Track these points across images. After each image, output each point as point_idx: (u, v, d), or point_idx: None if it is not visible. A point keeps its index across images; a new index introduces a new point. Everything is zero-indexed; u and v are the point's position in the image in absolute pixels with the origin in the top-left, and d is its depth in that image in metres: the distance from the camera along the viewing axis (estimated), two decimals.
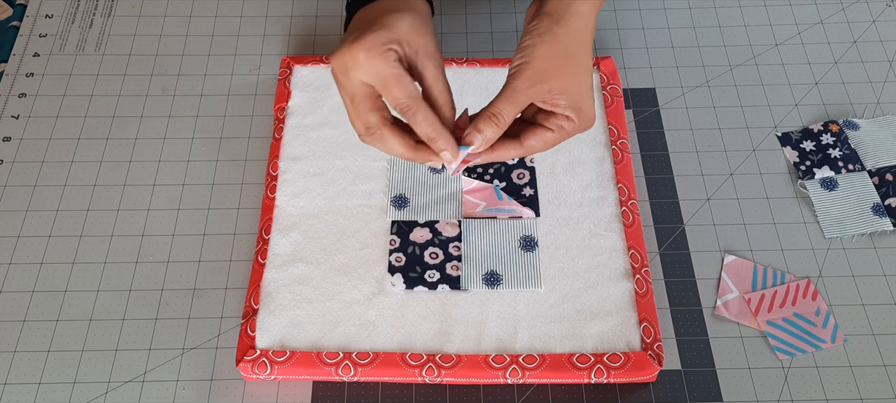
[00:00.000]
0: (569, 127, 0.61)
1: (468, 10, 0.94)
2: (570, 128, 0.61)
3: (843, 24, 0.92)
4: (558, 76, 0.60)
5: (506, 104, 0.60)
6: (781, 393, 0.68)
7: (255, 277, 0.72)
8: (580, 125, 0.61)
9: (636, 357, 0.67)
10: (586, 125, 0.62)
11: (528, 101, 0.60)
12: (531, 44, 0.60)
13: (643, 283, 0.71)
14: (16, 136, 0.83)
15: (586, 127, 0.62)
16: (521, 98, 0.60)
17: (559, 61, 0.59)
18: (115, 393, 0.68)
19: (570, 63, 0.60)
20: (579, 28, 0.60)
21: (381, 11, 0.60)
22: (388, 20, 0.58)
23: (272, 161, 0.79)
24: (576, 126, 0.61)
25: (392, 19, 0.58)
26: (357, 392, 0.68)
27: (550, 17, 0.60)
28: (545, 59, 0.59)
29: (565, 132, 0.62)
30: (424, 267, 0.72)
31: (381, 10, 0.60)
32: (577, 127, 0.61)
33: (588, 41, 0.61)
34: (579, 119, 0.61)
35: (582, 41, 0.61)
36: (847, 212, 0.77)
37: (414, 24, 0.59)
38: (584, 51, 0.61)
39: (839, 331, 0.71)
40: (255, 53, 0.90)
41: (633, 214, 0.75)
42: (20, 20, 0.93)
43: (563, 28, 0.60)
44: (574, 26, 0.60)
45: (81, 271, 0.74)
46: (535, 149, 0.62)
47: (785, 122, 0.84)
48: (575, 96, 0.60)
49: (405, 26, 0.58)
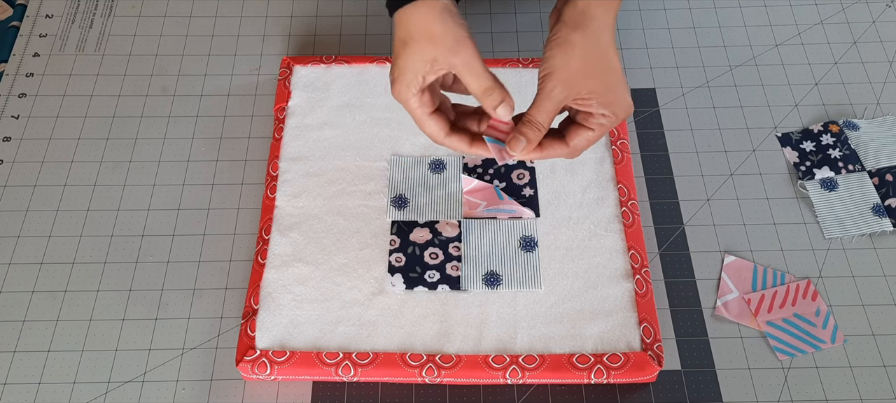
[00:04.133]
0: (606, 122, 0.64)
1: (468, 10, 0.94)
2: (607, 123, 0.64)
3: (843, 25, 0.92)
4: (583, 80, 0.63)
5: (538, 112, 0.63)
6: (781, 394, 0.68)
7: (255, 277, 0.72)
8: (616, 118, 0.64)
9: (636, 358, 0.67)
10: (623, 115, 0.64)
11: (558, 108, 0.63)
12: (552, 54, 0.63)
13: (643, 284, 0.71)
14: (16, 136, 0.83)
15: (624, 116, 0.64)
16: (550, 105, 0.63)
17: (580, 66, 0.63)
18: (115, 393, 0.68)
19: (591, 65, 0.63)
20: (597, 31, 0.63)
21: (398, 45, 0.63)
22: (403, 62, 0.63)
23: (272, 161, 0.79)
24: (612, 120, 0.64)
25: (405, 60, 0.63)
26: (357, 393, 0.68)
27: (567, 25, 0.63)
28: (566, 67, 0.63)
29: (604, 127, 0.64)
30: (424, 268, 0.72)
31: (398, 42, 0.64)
32: (614, 120, 0.64)
33: (607, 41, 0.64)
34: (614, 113, 0.63)
35: (600, 42, 0.63)
36: (847, 213, 0.77)
37: (422, 49, 0.62)
38: (604, 51, 0.63)
39: (839, 332, 0.71)
40: (255, 53, 0.90)
41: (633, 214, 0.75)
42: (20, 20, 0.93)
43: (581, 33, 0.63)
44: (592, 30, 0.63)
45: (81, 271, 0.74)
46: (581, 147, 0.65)
47: (785, 123, 0.84)
48: (603, 94, 0.63)
49: (416, 60, 0.62)
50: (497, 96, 0.63)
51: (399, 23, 0.64)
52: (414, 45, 0.63)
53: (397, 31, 0.64)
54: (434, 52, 0.62)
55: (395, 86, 0.64)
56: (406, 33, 0.63)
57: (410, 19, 0.63)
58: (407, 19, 0.63)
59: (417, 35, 0.63)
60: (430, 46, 0.62)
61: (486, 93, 0.63)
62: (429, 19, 0.63)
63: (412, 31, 0.63)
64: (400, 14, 0.63)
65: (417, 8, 0.63)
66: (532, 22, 0.93)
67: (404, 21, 0.63)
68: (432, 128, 0.65)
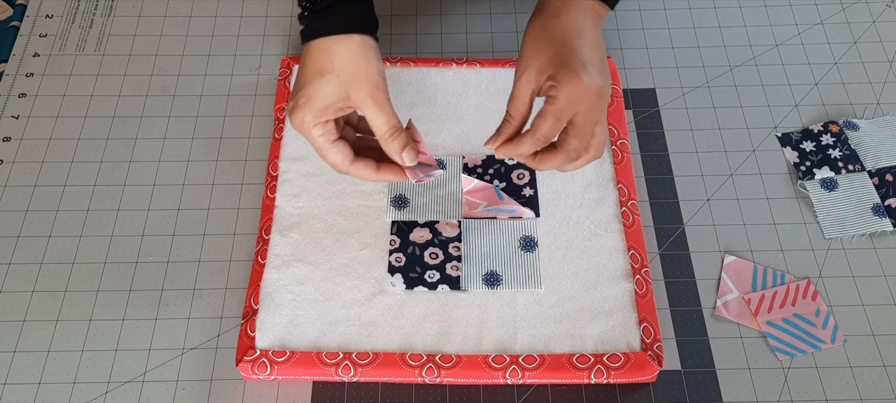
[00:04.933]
0: (553, 93, 0.61)
1: (468, 10, 0.94)
2: (557, 98, 0.61)
3: (843, 25, 0.92)
4: (536, 54, 0.63)
5: (510, 105, 0.64)
6: (781, 394, 0.68)
7: (255, 277, 0.72)
8: (564, 91, 0.61)
9: (636, 358, 0.67)
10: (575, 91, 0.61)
11: (527, 95, 0.63)
12: (521, 46, 0.65)
13: (643, 284, 0.71)
14: (16, 136, 0.83)
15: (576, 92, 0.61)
16: (516, 90, 0.63)
17: (535, 42, 0.64)
18: (115, 393, 0.68)
19: (546, 40, 0.63)
20: (565, 22, 0.64)
21: (312, 73, 0.63)
22: (314, 91, 0.62)
23: (272, 161, 0.79)
24: (560, 93, 0.61)
25: (317, 89, 0.62)
26: (357, 393, 0.68)
27: (536, 14, 0.66)
28: (529, 53, 0.64)
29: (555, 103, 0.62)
30: (424, 268, 0.72)
31: (313, 70, 0.63)
32: (562, 94, 0.61)
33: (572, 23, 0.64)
34: (559, 82, 0.61)
35: (566, 32, 0.63)
36: (847, 213, 0.77)
37: (341, 83, 0.62)
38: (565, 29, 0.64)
39: (839, 332, 0.71)
40: (255, 53, 0.90)
41: (633, 215, 0.75)
42: (20, 20, 0.93)
43: (542, 21, 0.65)
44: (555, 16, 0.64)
45: (81, 271, 0.74)
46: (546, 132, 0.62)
47: (785, 123, 0.84)
48: (549, 66, 0.62)
49: (329, 92, 0.62)
50: (403, 139, 0.64)
51: (320, 51, 0.63)
52: (332, 78, 0.62)
53: (314, 59, 0.63)
54: (352, 88, 0.62)
55: (298, 114, 0.63)
56: (326, 63, 0.62)
57: (338, 51, 0.63)
58: (332, 50, 0.63)
59: (340, 68, 0.62)
60: (351, 82, 0.62)
61: (392, 136, 0.64)
62: (357, 55, 0.63)
63: (335, 62, 0.62)
64: (324, 43, 0.63)
65: (350, 40, 0.63)
66: None
67: (327, 51, 0.63)
68: (336, 156, 0.64)
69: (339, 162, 0.64)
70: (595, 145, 0.64)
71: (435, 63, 0.85)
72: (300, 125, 0.63)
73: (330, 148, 0.64)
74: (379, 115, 0.63)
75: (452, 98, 0.83)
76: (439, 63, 0.85)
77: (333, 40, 0.63)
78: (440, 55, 0.89)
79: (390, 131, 0.63)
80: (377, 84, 0.63)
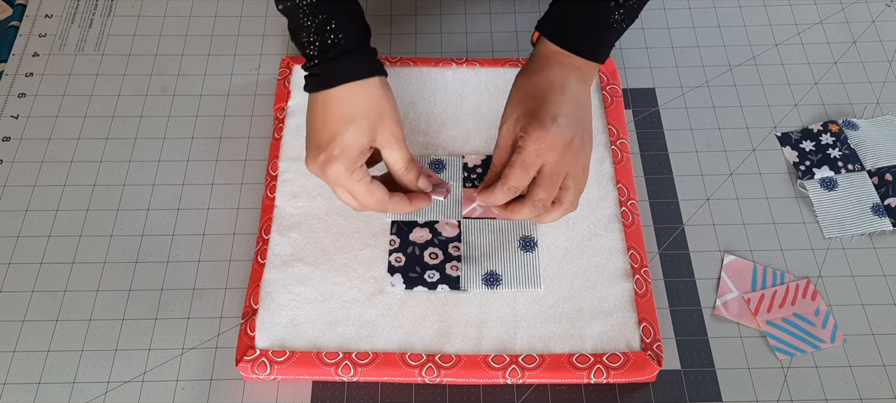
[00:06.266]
0: (521, 144, 0.64)
1: (468, 10, 0.94)
2: (524, 147, 0.63)
3: (842, 24, 0.92)
4: (513, 107, 0.66)
5: (494, 154, 0.67)
6: (781, 393, 0.68)
7: (255, 277, 0.72)
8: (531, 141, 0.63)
9: (636, 358, 0.67)
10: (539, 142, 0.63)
11: (507, 145, 0.66)
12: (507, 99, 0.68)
13: (643, 283, 0.71)
14: (16, 136, 0.83)
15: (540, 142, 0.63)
16: (501, 142, 0.66)
17: (514, 97, 0.67)
18: (115, 393, 0.68)
19: (523, 94, 0.67)
20: (545, 78, 0.67)
21: (340, 120, 0.63)
22: (347, 139, 0.62)
23: (272, 161, 0.79)
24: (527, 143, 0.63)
25: (350, 136, 0.63)
26: (357, 392, 0.68)
27: (522, 73, 0.69)
28: (510, 105, 0.67)
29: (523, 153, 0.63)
30: (424, 268, 0.72)
31: (341, 117, 0.63)
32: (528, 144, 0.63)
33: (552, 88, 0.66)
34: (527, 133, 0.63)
35: (544, 88, 0.66)
36: (846, 212, 0.77)
37: (371, 127, 0.63)
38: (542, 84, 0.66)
39: (839, 331, 0.71)
40: (255, 53, 0.90)
41: (633, 214, 0.75)
42: (20, 20, 0.93)
43: (525, 78, 0.68)
44: (539, 78, 0.67)
45: (81, 271, 0.74)
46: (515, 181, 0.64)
47: (785, 122, 0.84)
48: (522, 117, 0.65)
49: (361, 137, 0.63)
50: (415, 169, 0.66)
51: (346, 97, 0.63)
52: (363, 123, 0.63)
53: (339, 106, 0.63)
54: (378, 129, 0.63)
55: (333, 166, 0.62)
56: (354, 109, 0.63)
57: (364, 95, 0.63)
58: (359, 95, 0.63)
59: (367, 112, 0.63)
60: (377, 124, 0.63)
61: (408, 169, 0.66)
62: (380, 97, 0.64)
63: (363, 106, 0.63)
64: (349, 89, 0.63)
65: (372, 84, 0.64)
66: (532, 22, 0.92)
67: (354, 96, 0.63)
68: (377, 194, 0.65)
69: (379, 199, 0.65)
70: (568, 198, 0.65)
71: (435, 63, 0.85)
72: (336, 177, 0.63)
73: (368, 189, 0.64)
74: (398, 152, 0.65)
75: (452, 98, 0.83)
76: (439, 63, 0.85)
77: (360, 85, 0.63)
78: (440, 55, 0.89)
79: (406, 165, 0.66)
80: (397, 122, 0.65)
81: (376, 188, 0.64)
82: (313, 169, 0.64)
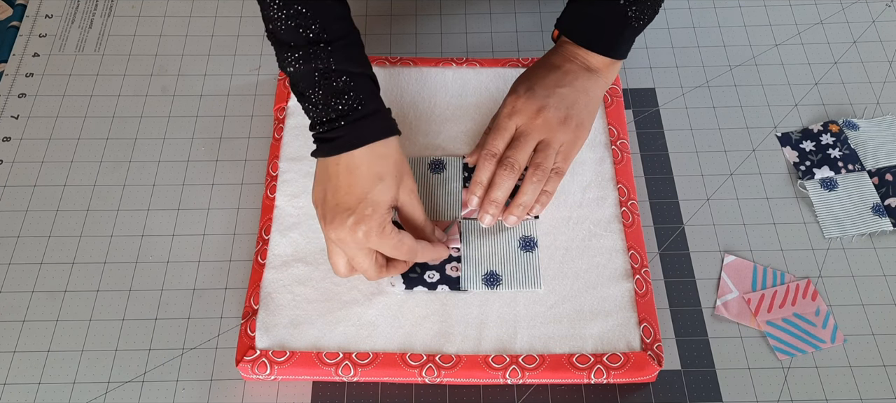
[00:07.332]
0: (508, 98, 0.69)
1: (468, 10, 0.94)
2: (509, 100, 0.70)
3: (842, 25, 0.92)
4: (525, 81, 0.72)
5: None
6: (781, 393, 0.68)
7: (255, 277, 0.72)
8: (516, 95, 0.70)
9: (636, 358, 0.67)
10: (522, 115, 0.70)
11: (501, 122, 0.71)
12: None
13: (643, 283, 0.71)
14: (16, 136, 0.83)
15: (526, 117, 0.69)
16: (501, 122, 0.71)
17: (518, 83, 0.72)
18: (115, 393, 0.68)
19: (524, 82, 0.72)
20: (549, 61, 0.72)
21: (370, 179, 0.63)
22: (377, 197, 0.63)
23: (272, 161, 0.79)
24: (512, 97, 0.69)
25: (380, 195, 0.63)
26: (357, 393, 0.68)
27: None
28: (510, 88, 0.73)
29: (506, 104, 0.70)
30: (424, 268, 0.72)
31: (371, 176, 0.63)
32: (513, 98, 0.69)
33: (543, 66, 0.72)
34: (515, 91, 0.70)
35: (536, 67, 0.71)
36: (847, 212, 0.77)
37: (396, 184, 0.64)
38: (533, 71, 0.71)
39: (839, 331, 0.71)
40: (255, 53, 0.90)
41: (633, 214, 0.75)
42: (20, 20, 0.93)
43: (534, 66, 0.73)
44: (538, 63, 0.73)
45: (81, 271, 0.74)
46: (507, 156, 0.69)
47: (785, 122, 0.84)
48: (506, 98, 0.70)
49: (389, 195, 0.64)
50: (430, 222, 0.69)
51: (375, 156, 0.63)
52: (390, 180, 0.63)
53: (369, 165, 0.63)
54: (401, 186, 0.65)
55: (364, 226, 0.62)
56: (383, 167, 0.63)
57: (389, 154, 0.64)
58: (386, 154, 0.64)
59: (392, 169, 0.64)
60: (400, 180, 0.65)
61: (426, 220, 0.68)
62: (400, 154, 0.66)
63: (390, 164, 0.64)
64: (377, 148, 0.63)
65: (394, 142, 0.65)
66: (532, 22, 0.93)
67: (382, 155, 0.63)
68: (409, 242, 0.65)
69: (411, 247, 0.65)
70: (544, 161, 0.69)
71: (435, 63, 0.85)
72: (367, 237, 0.62)
73: (399, 241, 0.64)
74: (419, 206, 0.68)
75: (452, 98, 0.83)
76: (439, 63, 0.85)
77: (384, 143, 0.64)
78: (440, 55, 0.89)
79: (425, 217, 0.69)
80: (412, 177, 0.67)
81: (406, 236, 0.65)
82: (339, 234, 0.62)
